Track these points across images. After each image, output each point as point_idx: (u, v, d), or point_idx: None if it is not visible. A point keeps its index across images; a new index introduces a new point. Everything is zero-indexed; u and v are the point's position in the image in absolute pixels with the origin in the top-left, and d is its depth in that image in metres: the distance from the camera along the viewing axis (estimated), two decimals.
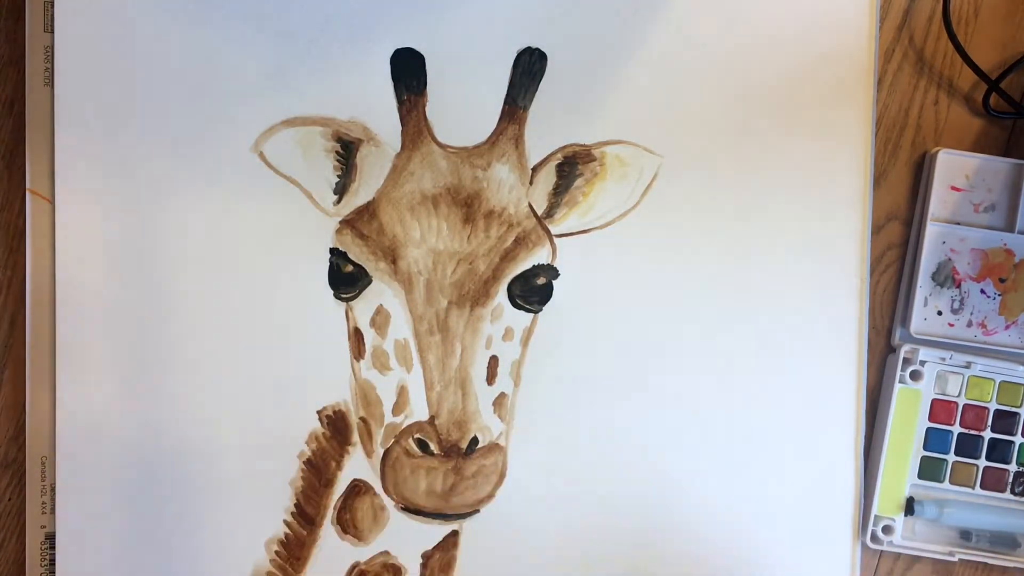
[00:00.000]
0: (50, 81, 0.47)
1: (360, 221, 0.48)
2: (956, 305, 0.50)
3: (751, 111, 0.50)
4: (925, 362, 0.50)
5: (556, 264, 0.49)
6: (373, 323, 0.48)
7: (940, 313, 0.50)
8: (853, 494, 0.50)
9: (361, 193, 0.48)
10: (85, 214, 0.47)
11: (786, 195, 0.50)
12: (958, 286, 0.50)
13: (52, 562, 0.48)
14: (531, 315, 0.49)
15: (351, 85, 0.48)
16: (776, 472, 0.50)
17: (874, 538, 0.50)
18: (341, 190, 0.48)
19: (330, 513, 0.49)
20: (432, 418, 0.48)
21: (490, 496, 0.49)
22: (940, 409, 0.51)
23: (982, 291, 0.50)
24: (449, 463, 0.48)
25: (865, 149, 0.50)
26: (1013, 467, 0.51)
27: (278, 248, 0.48)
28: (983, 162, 0.50)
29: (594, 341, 0.49)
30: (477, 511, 0.49)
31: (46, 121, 0.48)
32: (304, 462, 0.48)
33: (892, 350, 0.51)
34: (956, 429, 0.51)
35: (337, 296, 0.48)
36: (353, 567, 0.49)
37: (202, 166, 0.48)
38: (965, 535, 0.51)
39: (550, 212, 0.49)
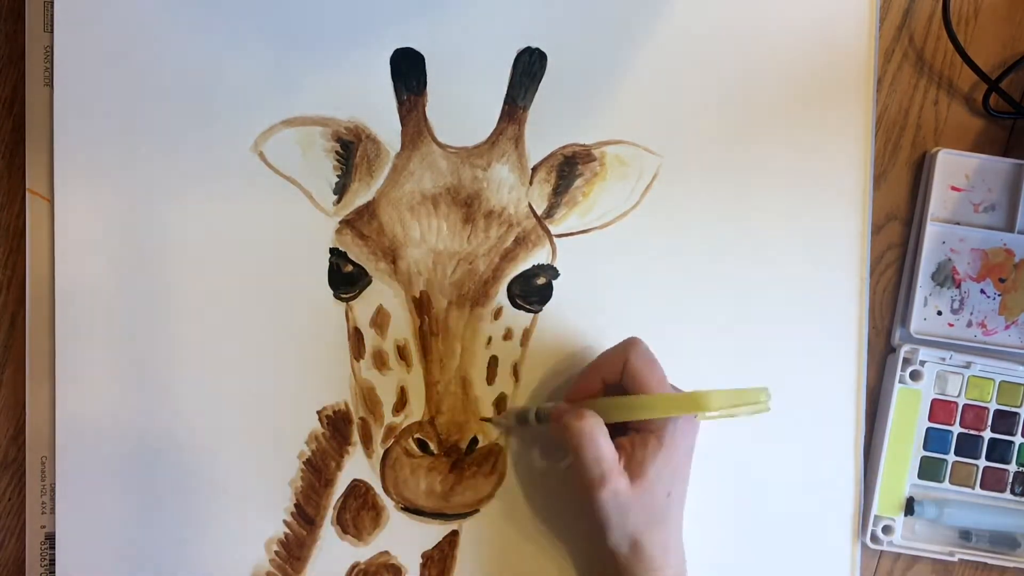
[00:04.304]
0: (50, 81, 0.47)
1: (360, 221, 0.48)
2: (956, 305, 0.50)
3: (751, 111, 0.50)
4: (925, 362, 0.50)
5: (556, 264, 0.49)
6: (373, 323, 0.48)
7: (940, 313, 0.50)
8: (853, 494, 0.50)
9: (361, 193, 0.48)
10: (85, 214, 0.47)
11: (786, 195, 0.50)
12: (958, 286, 0.50)
13: (52, 562, 0.48)
14: (531, 315, 0.49)
15: (351, 85, 0.48)
16: (776, 472, 0.50)
17: (874, 538, 0.50)
18: (341, 190, 0.48)
19: (330, 513, 0.49)
20: (432, 418, 0.48)
21: (490, 496, 0.49)
22: (940, 409, 0.51)
23: (982, 291, 0.50)
24: (449, 463, 0.48)
25: (865, 149, 0.50)
26: (1013, 467, 0.51)
27: (278, 248, 0.48)
28: (983, 162, 0.50)
29: (594, 341, 0.49)
30: (477, 511, 0.49)
31: (46, 121, 0.48)
32: (304, 462, 0.48)
33: (892, 350, 0.51)
34: (956, 429, 0.51)
35: (337, 296, 0.48)
36: (353, 567, 0.49)
37: (202, 166, 0.48)
38: (965, 535, 0.51)
39: (550, 212, 0.49)
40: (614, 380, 0.44)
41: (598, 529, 0.43)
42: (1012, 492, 0.51)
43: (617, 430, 0.43)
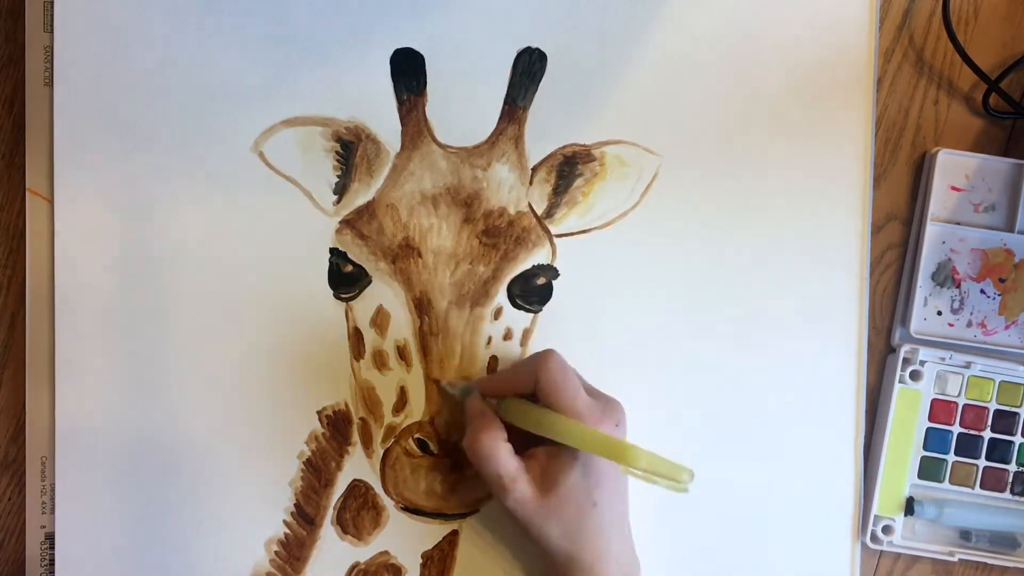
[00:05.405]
0: (50, 81, 0.47)
1: (360, 221, 0.48)
2: (956, 305, 0.50)
3: (751, 111, 0.50)
4: (925, 362, 0.50)
5: (556, 264, 0.49)
6: (373, 323, 0.48)
7: (940, 313, 0.50)
8: (853, 494, 0.50)
9: (361, 193, 0.48)
10: (85, 214, 0.47)
11: (786, 195, 0.50)
12: (958, 286, 0.50)
13: (52, 562, 0.48)
14: (531, 315, 0.49)
15: (351, 85, 0.48)
16: (776, 472, 0.50)
17: (874, 538, 0.50)
18: (341, 190, 0.48)
19: (330, 513, 0.49)
20: (432, 418, 0.48)
21: (490, 496, 0.49)
22: (940, 409, 0.51)
23: (982, 291, 0.50)
24: (449, 463, 0.48)
25: (865, 149, 0.50)
26: (1013, 467, 0.51)
27: (278, 248, 0.48)
28: (983, 162, 0.50)
29: (594, 341, 0.49)
30: (477, 511, 0.49)
31: (46, 121, 0.48)
32: (304, 462, 0.48)
33: (892, 350, 0.51)
34: (956, 429, 0.51)
35: (337, 296, 0.48)
36: (353, 567, 0.49)
37: (202, 166, 0.48)
38: (965, 535, 0.51)
39: (550, 212, 0.49)
40: (527, 392, 0.43)
41: (530, 536, 0.43)
42: (1012, 492, 0.51)
43: (536, 436, 0.42)
